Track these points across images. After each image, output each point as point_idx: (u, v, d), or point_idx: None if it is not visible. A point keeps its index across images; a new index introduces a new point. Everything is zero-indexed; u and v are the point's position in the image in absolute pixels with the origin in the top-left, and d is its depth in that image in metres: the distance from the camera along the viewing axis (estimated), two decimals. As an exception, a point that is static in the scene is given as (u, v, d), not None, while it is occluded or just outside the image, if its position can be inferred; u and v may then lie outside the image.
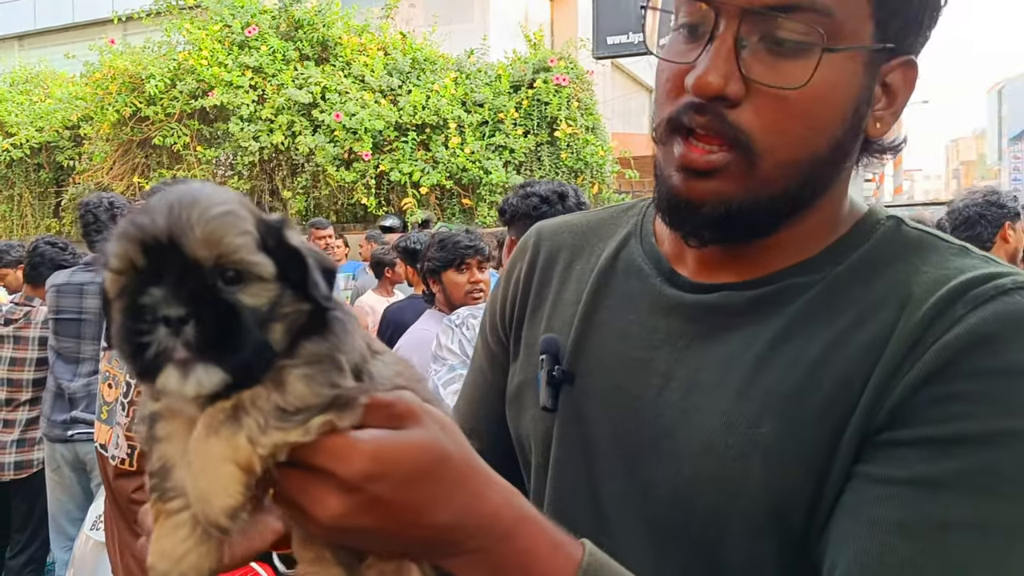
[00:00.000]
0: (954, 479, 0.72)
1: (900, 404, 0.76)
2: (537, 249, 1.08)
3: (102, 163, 11.27)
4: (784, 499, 0.80)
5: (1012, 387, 0.73)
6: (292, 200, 10.66)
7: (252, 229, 0.62)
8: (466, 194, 10.35)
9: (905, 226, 0.89)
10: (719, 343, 0.88)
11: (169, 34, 11.22)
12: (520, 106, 10.37)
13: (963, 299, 0.77)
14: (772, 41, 0.80)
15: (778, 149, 0.81)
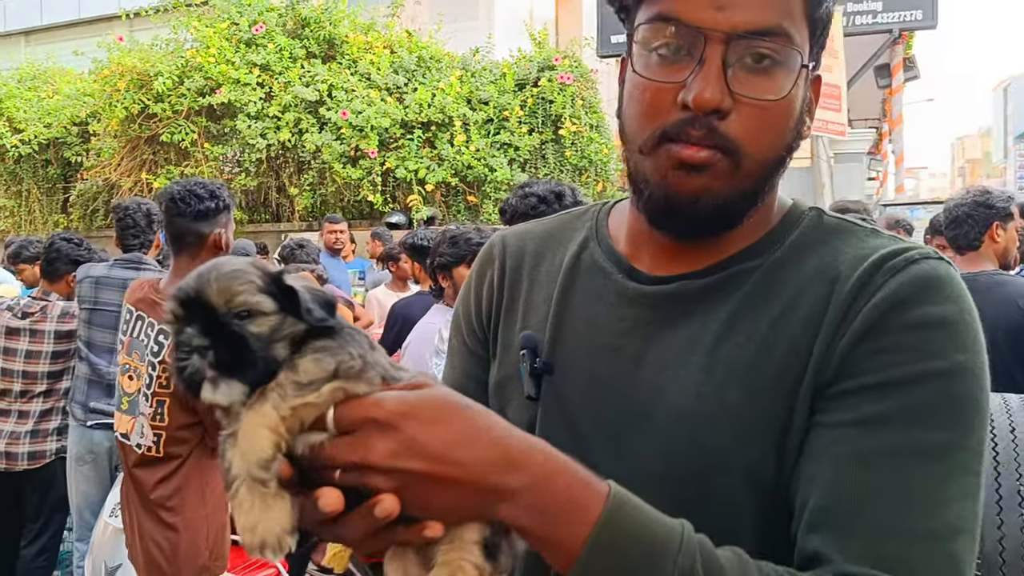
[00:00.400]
0: (893, 415, 0.87)
1: (842, 361, 0.90)
2: (504, 256, 1.19)
3: (110, 159, 11.33)
4: (753, 455, 0.92)
5: (928, 336, 0.88)
6: (298, 197, 10.73)
7: (255, 279, 0.82)
8: (471, 191, 10.40)
9: (825, 215, 1.04)
10: (681, 326, 1.00)
11: (176, 31, 11.28)
12: (525, 104, 10.43)
13: (881, 270, 0.92)
14: (753, 59, 0.92)
15: (757, 152, 0.95)
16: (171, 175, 10.81)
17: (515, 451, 0.79)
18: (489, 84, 10.56)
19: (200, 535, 2.92)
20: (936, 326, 0.88)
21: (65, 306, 4.49)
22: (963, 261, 3.65)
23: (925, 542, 0.83)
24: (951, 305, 0.90)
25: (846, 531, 0.84)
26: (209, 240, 3.01)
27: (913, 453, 0.85)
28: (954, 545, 0.83)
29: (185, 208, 2.97)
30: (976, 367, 0.89)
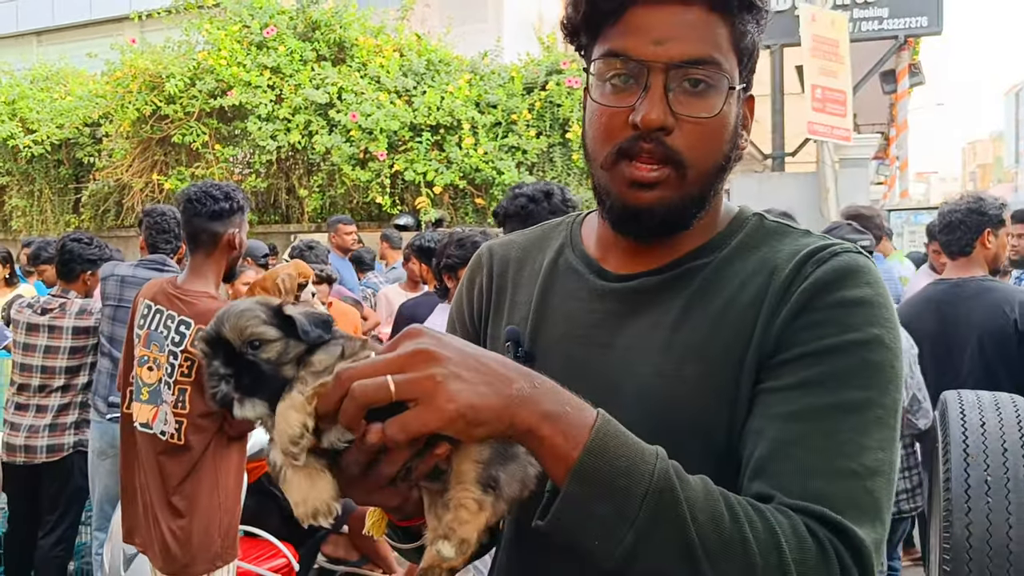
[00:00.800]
0: (825, 377, 1.03)
1: (780, 335, 1.06)
2: (491, 264, 1.36)
3: (122, 160, 11.47)
4: (707, 422, 1.08)
5: (849, 312, 1.05)
6: (308, 198, 10.86)
7: (260, 315, 1.00)
8: (479, 194, 10.51)
9: (766, 220, 1.21)
10: (643, 316, 1.15)
11: (188, 34, 11.43)
12: (533, 107, 10.52)
13: (810, 261, 1.09)
14: (690, 83, 1.08)
15: (698, 162, 1.11)
16: (182, 176, 10.96)
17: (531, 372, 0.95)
18: (497, 87, 10.67)
19: (213, 523, 3.02)
20: (855, 304, 1.05)
21: (83, 303, 4.63)
22: (954, 266, 3.75)
23: (846, 479, 0.97)
24: (868, 288, 1.07)
25: (783, 473, 0.99)
26: (223, 239, 3.13)
27: (838, 408, 1.01)
28: (871, 483, 0.98)
29: (201, 208, 3.10)
30: (889, 339, 1.05)
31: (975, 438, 2.01)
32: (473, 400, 0.87)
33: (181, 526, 2.98)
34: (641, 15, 1.09)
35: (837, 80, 10.27)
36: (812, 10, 10.54)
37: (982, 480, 1.94)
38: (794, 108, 12.46)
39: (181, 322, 3.02)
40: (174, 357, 3.02)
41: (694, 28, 1.08)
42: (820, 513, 0.94)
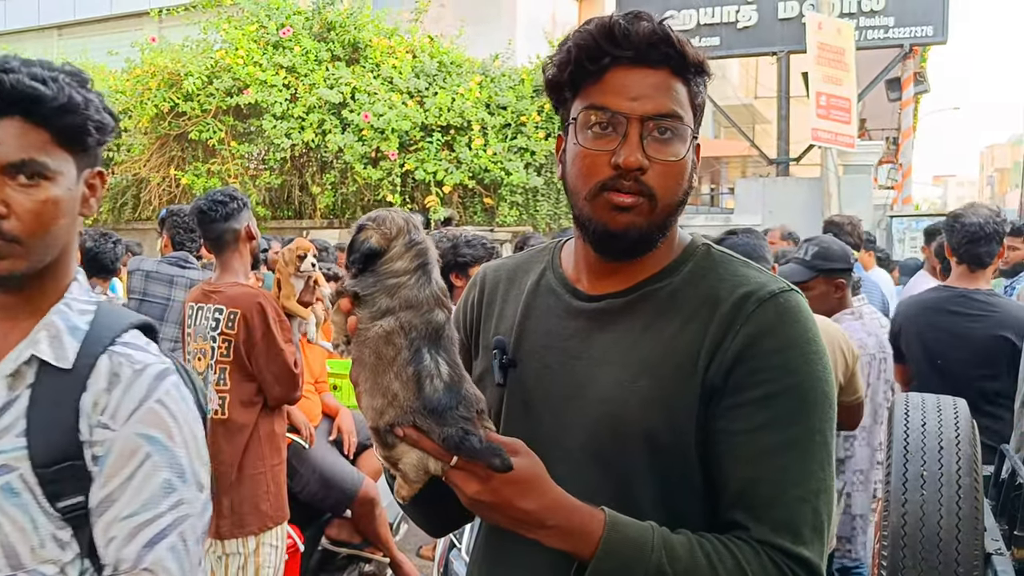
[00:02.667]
0: (772, 421, 1.26)
1: (728, 374, 1.27)
2: (484, 283, 1.60)
3: (140, 155, 11.71)
4: (654, 425, 1.29)
5: (787, 357, 1.27)
6: (320, 196, 11.07)
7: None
8: (488, 194, 10.70)
9: (712, 249, 1.42)
10: (608, 332, 1.36)
11: (206, 33, 11.65)
12: (542, 110, 10.71)
13: (750, 300, 1.29)
14: (659, 131, 1.31)
15: (665, 197, 1.32)
16: (198, 171, 11.19)
17: (555, 503, 1.21)
18: (508, 90, 10.85)
19: (261, 487, 3.34)
20: (790, 348, 1.27)
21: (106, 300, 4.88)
22: (971, 278, 3.76)
23: (799, 504, 1.23)
24: (798, 329, 1.29)
25: (752, 506, 1.24)
26: (241, 233, 3.51)
27: (786, 445, 1.25)
28: (817, 503, 1.24)
29: (215, 214, 3.47)
30: (818, 370, 1.28)
31: (915, 436, 2.20)
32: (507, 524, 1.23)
33: (233, 493, 3.29)
34: (619, 76, 1.31)
35: (842, 88, 10.42)
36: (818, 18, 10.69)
37: (918, 474, 2.13)
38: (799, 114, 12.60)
39: (215, 310, 3.37)
40: (214, 341, 3.35)
41: (661, 88, 1.31)
42: (781, 546, 1.20)
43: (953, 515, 2.07)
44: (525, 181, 10.34)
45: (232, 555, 3.27)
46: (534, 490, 1.19)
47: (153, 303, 4.80)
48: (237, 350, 3.29)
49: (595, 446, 1.33)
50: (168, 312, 4.79)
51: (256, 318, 3.29)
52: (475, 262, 3.82)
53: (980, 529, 2.11)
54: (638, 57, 1.30)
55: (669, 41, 1.30)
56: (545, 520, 1.19)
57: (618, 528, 1.20)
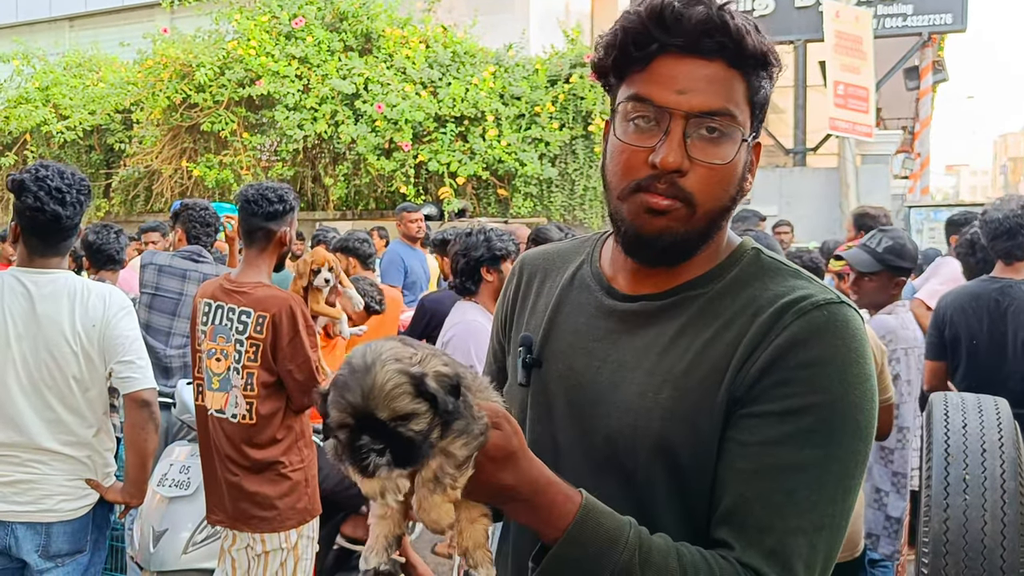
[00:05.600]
0: (786, 438, 1.14)
1: (751, 386, 1.16)
2: (521, 274, 1.51)
3: (152, 147, 11.70)
4: (673, 441, 1.19)
5: (817, 373, 1.14)
6: (333, 187, 11.03)
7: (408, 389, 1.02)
8: (502, 185, 10.64)
9: (762, 255, 1.30)
10: (639, 337, 1.27)
11: (218, 23, 11.61)
12: (556, 100, 10.62)
13: (790, 312, 1.17)
14: (707, 131, 1.20)
15: (707, 203, 1.22)
16: (210, 163, 11.16)
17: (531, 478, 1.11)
18: (522, 80, 10.77)
19: (297, 484, 3.31)
20: (823, 364, 1.14)
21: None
22: (1012, 270, 3.77)
23: (795, 536, 1.11)
24: (839, 347, 1.15)
25: (743, 527, 1.13)
26: (276, 237, 3.42)
27: (797, 467, 1.13)
28: (816, 538, 1.12)
29: (258, 209, 3.38)
30: (854, 396, 1.14)
31: (956, 438, 2.12)
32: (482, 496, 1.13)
33: (269, 492, 3.26)
34: (667, 65, 1.20)
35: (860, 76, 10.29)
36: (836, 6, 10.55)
37: (961, 478, 2.05)
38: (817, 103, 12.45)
39: (242, 312, 3.28)
40: (240, 344, 3.27)
41: (713, 82, 1.19)
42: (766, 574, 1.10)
43: (998, 521, 1.99)
44: (539, 172, 10.27)
45: (274, 551, 3.26)
46: (511, 463, 1.09)
47: (166, 297, 4.77)
48: (265, 354, 3.23)
49: (614, 459, 1.24)
50: (180, 307, 4.76)
51: (285, 322, 3.21)
52: (507, 256, 3.76)
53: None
54: (689, 45, 1.19)
55: (725, 30, 1.18)
56: (519, 493, 1.10)
57: (592, 516, 1.11)
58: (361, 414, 1.01)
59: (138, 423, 3.01)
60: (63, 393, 2.92)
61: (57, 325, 2.89)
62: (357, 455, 1.02)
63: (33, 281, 2.90)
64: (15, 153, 12.82)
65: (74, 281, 2.97)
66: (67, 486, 2.95)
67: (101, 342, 2.94)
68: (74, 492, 2.97)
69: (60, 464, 2.94)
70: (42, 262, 2.92)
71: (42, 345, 2.88)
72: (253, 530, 3.25)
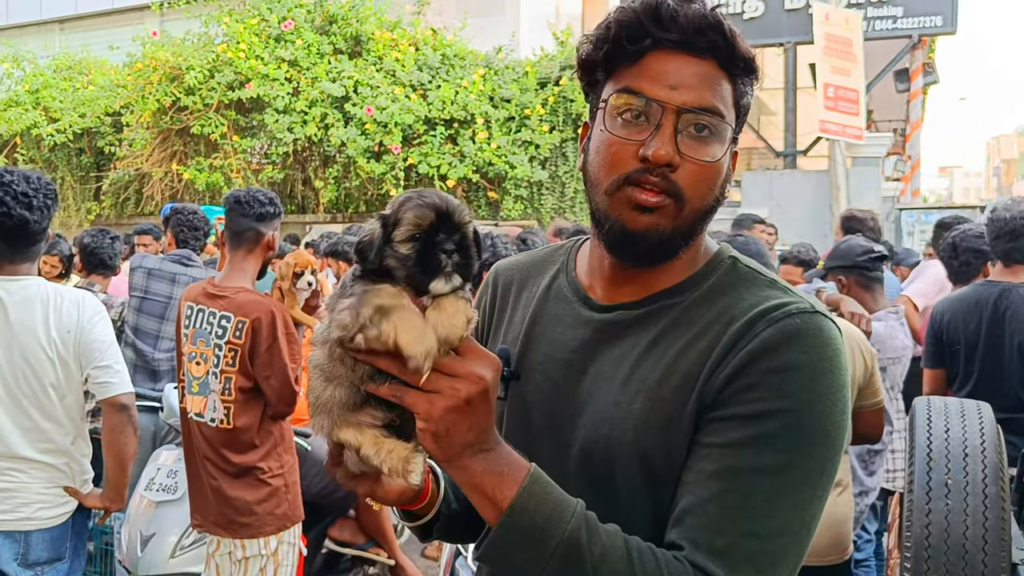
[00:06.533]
0: (749, 441, 1.12)
1: (720, 391, 1.14)
2: (496, 284, 1.49)
3: (142, 150, 11.66)
4: (647, 450, 1.18)
5: (784, 379, 1.12)
6: (323, 190, 11.00)
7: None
8: (492, 187, 10.63)
9: (739, 263, 1.28)
10: (615, 347, 1.26)
11: (208, 26, 11.57)
12: (546, 103, 10.63)
13: (763, 319, 1.16)
14: (697, 128, 1.19)
15: (694, 200, 1.20)
16: (200, 166, 11.13)
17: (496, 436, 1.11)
18: (511, 82, 10.77)
19: (277, 489, 3.29)
20: (793, 370, 1.12)
21: (105, 297, 4.83)
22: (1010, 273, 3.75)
23: (748, 539, 1.09)
24: (809, 354, 1.13)
25: (695, 527, 1.11)
26: (264, 240, 3.42)
27: (757, 471, 1.10)
28: (772, 545, 1.09)
29: (249, 210, 3.38)
30: (823, 405, 1.12)
31: (939, 443, 2.12)
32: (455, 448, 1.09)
33: (248, 498, 3.25)
34: (659, 61, 1.19)
35: (850, 79, 10.31)
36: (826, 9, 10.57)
37: (942, 483, 2.04)
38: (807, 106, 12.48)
39: (222, 316, 3.26)
40: (219, 349, 3.25)
41: (705, 80, 1.19)
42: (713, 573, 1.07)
43: (979, 525, 1.98)
44: (530, 175, 10.27)
45: (253, 557, 3.25)
46: (486, 403, 1.08)
47: (155, 301, 4.76)
48: (243, 360, 3.21)
49: (591, 469, 1.23)
50: (169, 310, 4.75)
51: (265, 329, 3.19)
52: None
53: (1007, 540, 2.03)
54: (683, 42, 1.19)
55: (720, 28, 1.19)
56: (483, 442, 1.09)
57: (540, 482, 1.10)
58: (443, 213, 1.08)
59: (117, 427, 2.99)
60: (40, 401, 2.89)
61: (32, 332, 2.85)
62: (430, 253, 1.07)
63: (4, 288, 2.86)
64: (5, 156, 12.77)
65: (46, 287, 2.93)
66: (45, 494, 2.92)
67: (77, 348, 2.91)
68: (52, 500, 2.94)
69: (38, 472, 2.91)
70: (11, 268, 2.88)
71: (17, 353, 2.85)
72: (233, 535, 3.24)
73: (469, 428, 1.07)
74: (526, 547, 1.08)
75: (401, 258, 1.08)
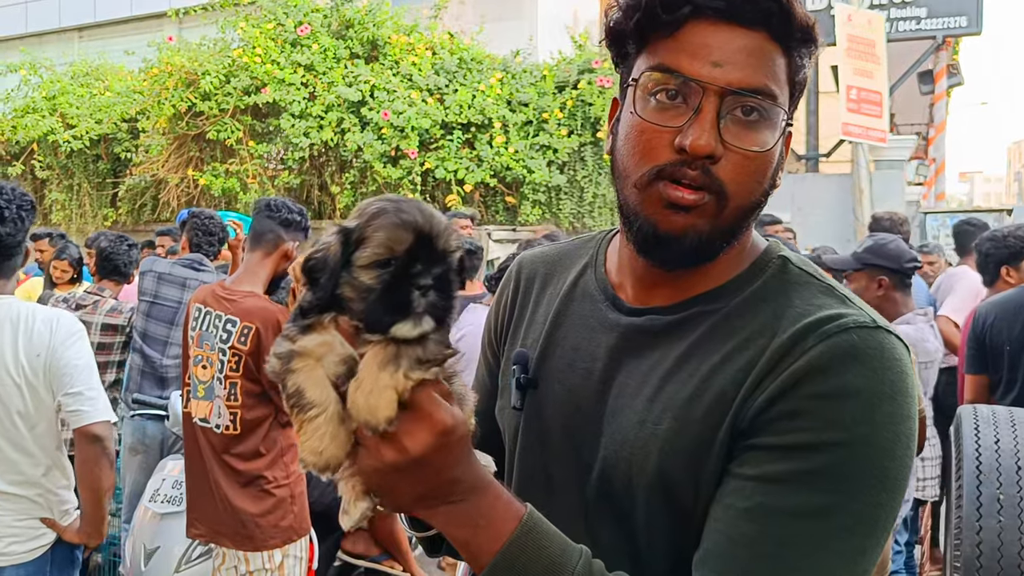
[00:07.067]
0: (788, 476, 0.95)
1: (758, 415, 0.98)
2: (519, 279, 1.31)
3: (158, 156, 11.62)
4: (673, 478, 1.01)
5: (835, 406, 0.95)
6: (340, 195, 10.92)
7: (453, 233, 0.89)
8: (510, 192, 10.52)
9: (790, 265, 1.11)
10: (643, 358, 1.09)
11: (224, 31, 11.54)
12: (564, 106, 10.51)
13: (814, 333, 0.99)
14: (743, 112, 1.01)
15: (739, 196, 1.04)
16: (216, 172, 11.08)
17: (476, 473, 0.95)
18: (529, 86, 10.66)
19: (283, 500, 3.21)
20: (844, 396, 0.95)
21: (115, 303, 4.77)
22: None
23: None
24: (869, 378, 0.95)
25: (720, 572, 0.95)
26: (283, 247, 3.36)
27: (796, 514, 0.93)
28: None
29: (275, 213, 3.35)
30: (882, 438, 0.94)
31: (988, 455, 1.97)
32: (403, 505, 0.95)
33: (251, 509, 3.16)
34: (700, 32, 1.02)
35: (873, 81, 10.14)
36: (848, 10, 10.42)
37: (994, 498, 1.90)
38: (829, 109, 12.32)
39: (228, 320, 3.18)
40: (223, 354, 3.18)
41: (754, 55, 1.02)
42: None
43: (1035, 544, 1.84)
44: (548, 179, 10.15)
45: (257, 572, 3.15)
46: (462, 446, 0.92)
47: (164, 306, 4.69)
48: (247, 365, 3.12)
49: (610, 498, 1.07)
50: (179, 315, 4.68)
51: (271, 335, 3.11)
52: None
53: (1065, 559, 1.89)
54: (729, 10, 1.00)
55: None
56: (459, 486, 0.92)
57: (534, 534, 0.93)
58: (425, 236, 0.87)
59: (90, 459, 2.76)
60: (7, 430, 2.69)
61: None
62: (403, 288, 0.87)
63: None
64: (22, 163, 12.79)
65: (18, 307, 2.73)
66: (17, 527, 2.73)
67: (47, 373, 2.69)
68: (25, 533, 2.74)
69: (8, 504, 2.71)
70: None
71: None
72: (236, 546, 3.16)
73: (415, 483, 0.91)
74: None
75: (361, 289, 0.87)
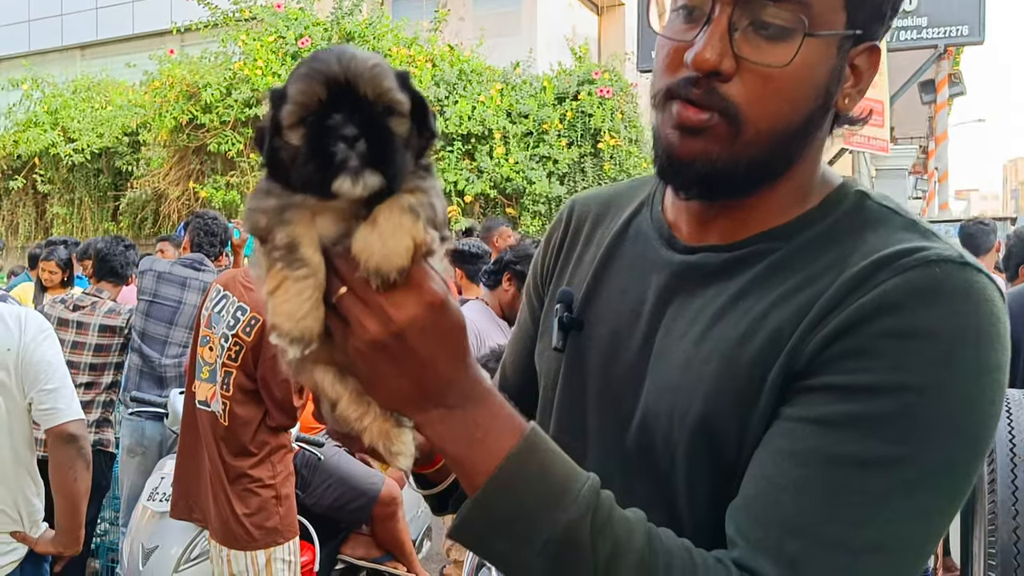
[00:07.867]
0: (846, 420, 0.83)
1: (816, 354, 0.86)
2: (570, 218, 1.23)
3: (159, 168, 11.61)
4: (716, 427, 0.91)
5: (906, 347, 0.83)
6: (341, 207, 10.90)
7: (394, 77, 0.80)
8: (510, 203, 10.49)
9: (868, 201, 0.98)
10: (695, 297, 0.99)
11: (225, 44, 11.54)
12: (564, 118, 10.51)
13: (890, 266, 0.86)
14: (759, 25, 0.90)
15: (760, 119, 0.91)
16: (217, 184, 11.04)
17: (474, 376, 0.85)
18: (529, 97, 10.66)
19: (269, 502, 3.13)
20: (919, 336, 0.83)
21: (113, 305, 4.73)
22: None
23: (832, 549, 0.81)
24: (950, 318, 0.83)
25: (760, 520, 0.84)
26: None
27: (856, 462, 0.82)
28: (864, 561, 0.81)
29: None
30: (963, 386, 0.83)
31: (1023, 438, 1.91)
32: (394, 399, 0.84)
33: (238, 505, 3.10)
34: None
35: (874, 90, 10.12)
36: (850, 19, 10.43)
37: (1031, 482, 1.84)
38: (831, 119, 12.29)
39: (239, 308, 3.14)
40: (225, 340, 3.12)
41: None
42: None
43: (1075, 529, 1.77)
44: (548, 190, 10.12)
45: (241, 573, 3.05)
46: (457, 338, 0.82)
47: (163, 305, 4.63)
48: (245, 358, 3.05)
49: (649, 453, 0.97)
50: (179, 315, 4.63)
51: None
52: None
53: (1101, 545, 1.81)
54: None
55: None
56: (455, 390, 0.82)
57: (537, 453, 0.83)
58: (337, 86, 0.76)
59: (64, 461, 2.62)
60: None
61: None
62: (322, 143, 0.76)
63: None
64: (24, 176, 12.78)
65: None
66: None
67: (19, 368, 2.55)
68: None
69: None
70: None
71: None
72: (219, 540, 3.10)
73: (403, 372, 0.80)
74: (506, 539, 0.83)
75: (291, 151, 0.79)
